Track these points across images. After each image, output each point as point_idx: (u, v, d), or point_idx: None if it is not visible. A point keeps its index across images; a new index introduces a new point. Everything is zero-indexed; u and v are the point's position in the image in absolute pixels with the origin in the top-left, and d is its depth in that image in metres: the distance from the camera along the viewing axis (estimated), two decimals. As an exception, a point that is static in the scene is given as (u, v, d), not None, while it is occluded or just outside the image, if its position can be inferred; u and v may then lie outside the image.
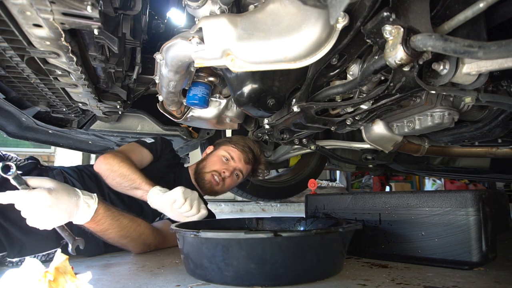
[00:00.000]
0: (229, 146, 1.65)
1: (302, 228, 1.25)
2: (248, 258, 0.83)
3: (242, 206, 5.02)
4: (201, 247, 0.89)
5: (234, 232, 0.95)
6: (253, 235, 0.84)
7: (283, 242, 0.83)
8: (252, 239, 0.83)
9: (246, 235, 0.82)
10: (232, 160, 1.63)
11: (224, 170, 1.60)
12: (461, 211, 0.98)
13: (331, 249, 0.92)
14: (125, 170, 1.32)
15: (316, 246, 0.88)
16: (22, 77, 1.07)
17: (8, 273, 0.66)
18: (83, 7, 0.69)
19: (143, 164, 1.53)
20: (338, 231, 0.92)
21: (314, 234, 0.87)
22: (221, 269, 0.85)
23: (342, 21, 0.73)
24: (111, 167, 1.34)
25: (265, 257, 0.83)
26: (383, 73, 0.88)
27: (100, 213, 1.09)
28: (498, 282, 0.87)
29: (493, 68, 0.77)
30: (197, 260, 0.91)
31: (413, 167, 2.19)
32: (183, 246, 0.96)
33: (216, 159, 1.64)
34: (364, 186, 7.07)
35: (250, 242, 0.83)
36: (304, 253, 0.86)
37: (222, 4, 0.91)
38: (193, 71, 1.23)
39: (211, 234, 0.86)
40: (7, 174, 0.89)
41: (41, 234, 1.04)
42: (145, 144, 1.56)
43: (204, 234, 0.86)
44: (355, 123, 1.20)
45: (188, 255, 0.94)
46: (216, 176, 1.59)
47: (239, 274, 0.84)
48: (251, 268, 0.83)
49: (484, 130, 1.20)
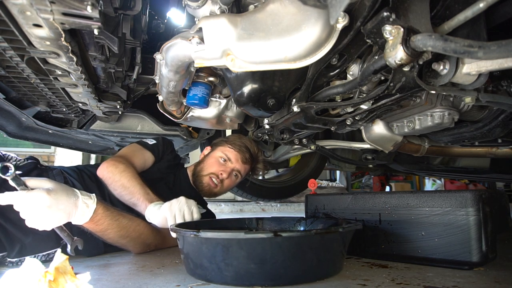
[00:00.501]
0: (225, 146, 1.64)
1: (302, 228, 1.25)
2: (248, 258, 0.83)
3: (242, 206, 5.02)
4: (201, 247, 0.89)
5: (234, 232, 0.95)
6: (253, 235, 0.84)
7: (283, 242, 0.83)
8: (252, 239, 0.83)
9: (246, 235, 0.82)
10: (229, 161, 1.62)
11: (221, 172, 1.60)
12: (461, 211, 0.98)
13: (331, 249, 0.92)
14: (126, 181, 1.31)
15: (316, 246, 0.88)
16: (22, 77, 1.07)
17: (8, 273, 0.66)
18: (83, 7, 0.69)
19: (146, 167, 1.52)
20: (338, 231, 0.92)
21: (314, 234, 0.87)
22: (221, 269, 0.85)
23: (342, 21, 0.73)
24: (113, 176, 1.33)
25: (265, 257, 0.83)
26: (383, 73, 0.88)
27: (99, 213, 1.09)
28: (498, 282, 0.87)
29: (493, 68, 0.77)
30: (197, 260, 0.91)
31: (413, 167, 2.19)
32: (183, 246, 0.96)
33: (213, 160, 1.63)
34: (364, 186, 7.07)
35: (250, 242, 0.83)
36: (304, 253, 0.86)
37: (222, 4, 0.91)
38: (193, 71, 1.23)
39: (211, 234, 0.86)
40: (6, 175, 0.89)
41: (41, 234, 1.04)
42: (147, 146, 1.56)
43: (204, 234, 0.85)
44: (355, 123, 1.20)
45: (188, 255, 0.94)
46: (214, 178, 1.59)
47: (239, 274, 0.84)
48: (251, 268, 0.83)
49: (484, 130, 1.20)
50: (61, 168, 1.40)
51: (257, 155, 1.71)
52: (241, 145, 1.64)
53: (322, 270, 0.91)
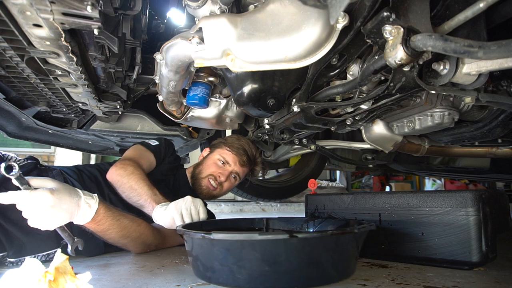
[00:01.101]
0: (223, 149, 1.64)
1: (312, 229, 1.22)
2: (262, 260, 0.80)
3: (242, 206, 5.02)
4: (212, 249, 0.85)
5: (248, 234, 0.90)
6: (268, 236, 0.80)
7: (298, 243, 0.79)
8: (267, 240, 0.79)
9: (261, 236, 0.78)
10: (227, 164, 1.62)
11: (219, 174, 1.59)
12: (461, 211, 0.98)
13: (346, 251, 0.89)
14: (134, 183, 1.31)
15: (332, 247, 0.85)
16: (22, 77, 1.07)
17: (8, 273, 0.66)
18: (83, 7, 0.69)
19: (151, 169, 1.53)
20: (354, 232, 0.88)
21: (330, 235, 0.84)
22: (233, 272, 0.82)
23: (342, 21, 0.73)
24: (121, 178, 1.33)
25: (280, 259, 0.80)
26: (383, 73, 0.88)
27: (101, 213, 1.09)
28: (498, 282, 0.87)
29: (493, 68, 0.77)
30: (208, 262, 0.88)
31: (413, 167, 2.19)
32: (191, 248, 0.92)
33: (211, 162, 1.63)
34: (364, 186, 7.07)
35: (264, 243, 0.79)
36: (320, 254, 0.83)
37: (222, 4, 0.91)
38: (193, 71, 1.23)
39: (223, 235, 0.82)
40: (10, 174, 0.89)
41: (41, 234, 1.04)
42: (150, 148, 1.55)
43: (215, 235, 0.81)
44: (355, 123, 1.20)
45: (198, 257, 0.91)
46: (212, 180, 1.59)
47: (252, 277, 0.81)
48: (265, 271, 0.80)
49: (484, 130, 1.20)
50: (61, 168, 1.40)
51: (255, 157, 1.70)
52: (239, 148, 1.63)
53: (336, 273, 0.88)
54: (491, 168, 2.03)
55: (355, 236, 0.89)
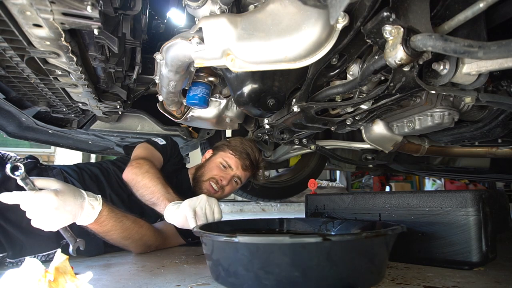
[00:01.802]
0: (226, 152, 1.62)
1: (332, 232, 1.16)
2: (292, 265, 0.74)
3: (242, 206, 5.02)
4: (236, 253, 0.80)
5: (277, 237, 0.84)
6: (300, 240, 0.76)
7: (332, 247, 0.74)
8: (298, 244, 0.74)
9: (292, 240, 0.73)
10: (229, 168, 1.60)
11: (221, 178, 1.57)
12: (461, 211, 0.98)
13: (379, 254, 0.84)
14: (148, 181, 1.30)
15: (366, 250, 0.79)
16: (22, 77, 1.07)
17: (8, 273, 0.66)
18: (83, 7, 0.69)
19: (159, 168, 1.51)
20: (388, 234, 0.83)
21: (365, 238, 0.78)
22: (260, 278, 0.76)
23: (342, 21, 0.73)
24: (136, 177, 1.32)
25: (311, 264, 0.75)
26: (383, 73, 0.88)
27: (104, 215, 1.09)
28: (498, 282, 0.87)
29: (493, 68, 0.77)
30: (231, 267, 0.82)
31: (413, 167, 2.19)
32: (211, 251, 0.87)
33: (213, 166, 1.61)
34: (364, 186, 7.08)
35: (295, 247, 0.74)
36: (352, 259, 0.78)
37: (222, 4, 0.91)
38: (193, 71, 1.23)
39: (250, 238, 0.77)
40: (15, 174, 0.89)
41: (41, 234, 1.04)
42: (158, 147, 1.55)
43: (241, 238, 0.75)
44: (355, 123, 1.20)
45: (219, 261, 0.85)
46: (214, 183, 1.57)
47: (280, 283, 0.75)
48: (295, 277, 0.74)
49: (484, 130, 1.20)
50: (61, 168, 1.40)
51: (258, 161, 1.67)
52: (242, 152, 1.61)
53: (368, 278, 0.83)
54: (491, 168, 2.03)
55: (387, 239, 0.85)
